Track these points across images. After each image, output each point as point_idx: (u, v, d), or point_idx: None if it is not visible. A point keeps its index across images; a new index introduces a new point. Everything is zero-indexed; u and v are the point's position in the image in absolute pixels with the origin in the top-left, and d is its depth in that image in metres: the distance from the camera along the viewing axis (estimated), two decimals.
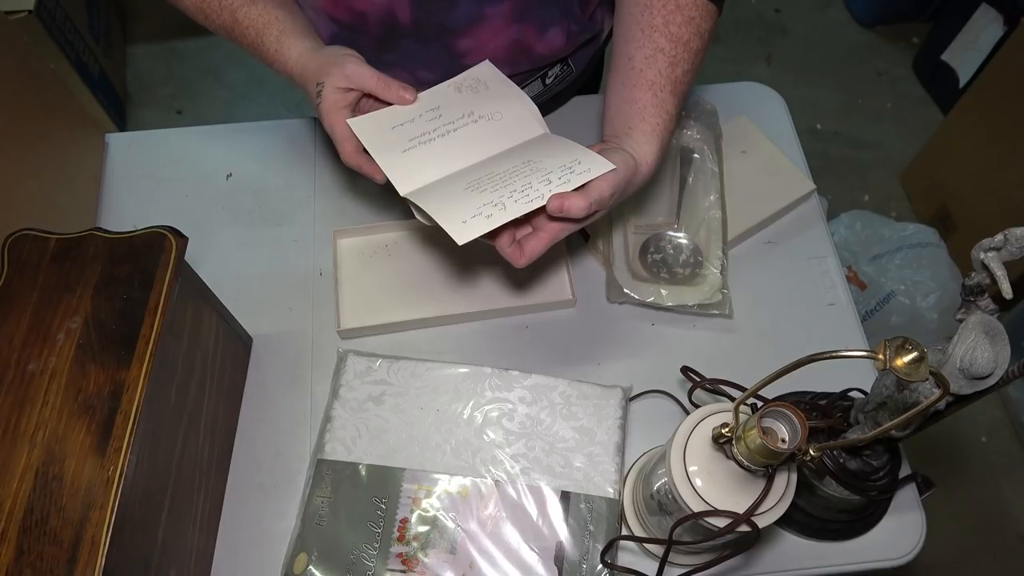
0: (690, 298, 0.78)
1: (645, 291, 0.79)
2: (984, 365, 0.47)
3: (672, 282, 0.80)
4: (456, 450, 0.69)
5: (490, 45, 0.75)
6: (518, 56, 0.77)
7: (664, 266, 0.81)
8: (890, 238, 1.56)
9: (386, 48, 0.74)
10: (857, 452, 0.62)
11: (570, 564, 0.64)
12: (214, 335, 0.69)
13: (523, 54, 0.77)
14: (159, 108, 2.04)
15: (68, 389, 0.52)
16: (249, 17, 0.68)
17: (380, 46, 0.74)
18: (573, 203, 0.57)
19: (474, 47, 0.74)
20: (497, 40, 0.74)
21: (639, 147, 0.64)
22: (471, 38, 0.73)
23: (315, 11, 0.73)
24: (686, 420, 0.53)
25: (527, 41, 0.76)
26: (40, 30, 1.58)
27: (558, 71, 0.85)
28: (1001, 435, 1.61)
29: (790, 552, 0.69)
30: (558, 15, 0.76)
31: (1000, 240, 0.46)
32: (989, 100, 1.59)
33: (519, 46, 0.76)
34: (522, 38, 0.75)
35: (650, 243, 0.82)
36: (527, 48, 0.77)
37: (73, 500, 0.49)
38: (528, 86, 0.84)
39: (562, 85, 0.88)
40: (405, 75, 0.76)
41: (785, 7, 2.26)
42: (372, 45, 0.74)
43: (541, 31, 0.76)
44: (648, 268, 0.81)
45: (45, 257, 0.58)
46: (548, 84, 0.86)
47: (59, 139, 0.83)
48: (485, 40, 0.74)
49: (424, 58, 0.75)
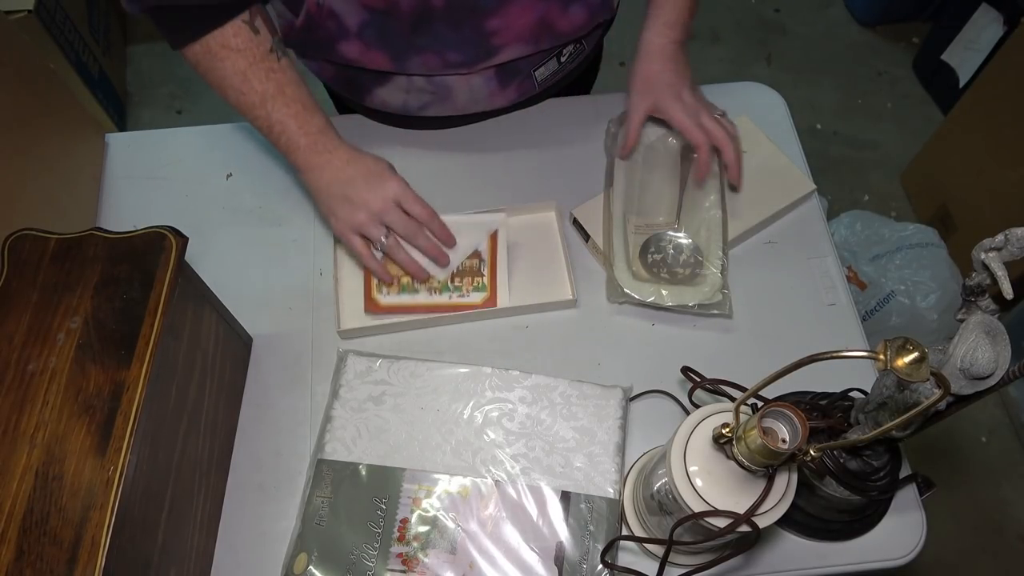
0: (690, 298, 0.78)
1: (645, 291, 0.78)
2: (985, 365, 0.47)
3: (672, 282, 0.80)
4: (456, 450, 0.69)
5: (517, 24, 0.76)
6: (541, 33, 0.79)
7: (664, 266, 0.81)
8: (890, 238, 1.56)
9: (418, 32, 0.75)
10: (857, 452, 0.61)
11: (570, 564, 0.64)
12: (214, 335, 0.69)
13: (546, 31, 0.79)
14: (159, 108, 2.04)
15: (68, 389, 0.52)
16: (296, 94, 0.73)
17: (412, 30, 0.75)
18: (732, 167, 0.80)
19: (502, 26, 0.76)
20: (525, 18, 0.76)
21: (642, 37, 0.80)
22: (500, 17, 0.75)
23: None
24: (686, 420, 0.53)
25: (551, 18, 0.78)
26: (40, 30, 1.58)
27: (572, 50, 0.87)
28: (1001, 435, 1.61)
29: (790, 552, 0.69)
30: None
31: (1001, 240, 0.46)
32: (989, 100, 1.59)
33: (544, 23, 0.78)
34: (547, 15, 0.77)
35: (650, 243, 0.82)
36: (550, 25, 0.78)
37: (73, 500, 0.49)
38: (544, 65, 0.86)
39: (574, 63, 0.89)
40: (435, 58, 0.78)
41: (785, 7, 2.26)
42: (404, 30, 0.74)
43: (565, 7, 0.78)
44: (648, 268, 0.81)
45: (45, 257, 0.58)
46: (563, 62, 0.87)
47: (59, 139, 0.83)
48: (514, 18, 0.76)
49: (454, 40, 0.76)
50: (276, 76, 0.71)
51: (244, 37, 0.69)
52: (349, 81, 0.85)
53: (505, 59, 0.80)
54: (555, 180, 0.88)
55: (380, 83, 0.83)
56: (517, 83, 0.85)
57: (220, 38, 0.69)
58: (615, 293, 0.79)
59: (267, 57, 0.71)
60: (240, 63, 0.70)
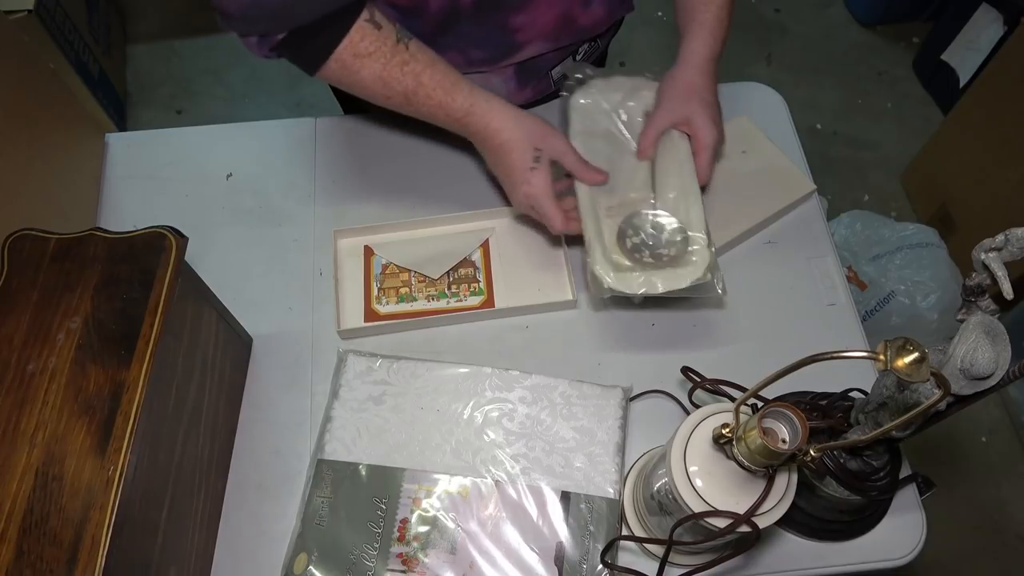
0: (684, 279, 0.70)
1: (633, 282, 0.70)
2: (985, 366, 0.47)
3: (658, 266, 0.72)
4: (456, 450, 0.69)
5: (541, 20, 0.77)
6: (562, 30, 0.79)
7: (647, 249, 0.73)
8: (890, 238, 1.56)
9: (442, 30, 0.75)
10: (857, 452, 0.61)
11: (570, 564, 0.64)
12: (214, 335, 0.69)
13: (567, 27, 0.79)
14: (159, 108, 2.04)
15: (68, 389, 0.52)
16: (435, 78, 0.70)
17: (438, 29, 0.75)
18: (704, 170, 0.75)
19: (527, 23, 0.76)
20: (549, 14, 0.76)
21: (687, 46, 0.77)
22: (525, 14, 0.75)
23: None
24: (686, 420, 0.53)
25: (573, 13, 0.78)
26: (40, 30, 1.58)
27: (587, 48, 0.87)
28: (1001, 435, 1.61)
29: (790, 552, 0.69)
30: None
31: (1001, 240, 0.46)
32: (989, 100, 1.59)
33: (566, 19, 0.78)
34: (569, 10, 0.78)
35: (626, 226, 0.75)
36: (572, 20, 0.79)
37: (73, 500, 0.49)
38: (561, 64, 0.86)
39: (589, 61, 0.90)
40: (457, 56, 0.78)
41: (785, 7, 2.26)
42: (429, 29, 0.74)
43: (586, 3, 0.78)
44: (629, 254, 0.73)
45: (45, 257, 0.58)
46: (577, 61, 0.88)
47: (59, 139, 0.83)
48: (538, 15, 0.76)
49: (479, 38, 0.76)
50: (411, 68, 0.69)
51: (371, 38, 0.67)
52: None
53: (526, 56, 0.80)
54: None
55: None
56: (535, 83, 0.86)
57: (350, 48, 0.67)
58: (599, 289, 0.71)
59: (397, 51, 0.68)
60: (375, 67, 0.68)
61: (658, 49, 2.15)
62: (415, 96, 0.70)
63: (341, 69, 0.68)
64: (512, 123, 0.71)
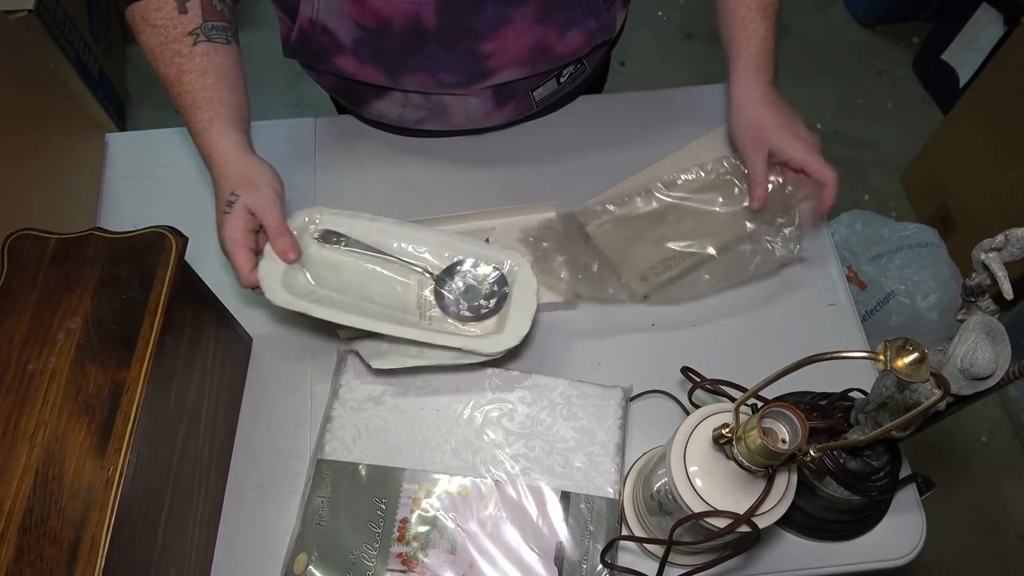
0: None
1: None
2: (985, 366, 0.47)
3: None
4: (456, 450, 0.69)
5: (512, 47, 0.75)
6: (538, 57, 0.77)
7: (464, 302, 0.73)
8: (890, 238, 1.56)
9: (410, 51, 0.74)
10: (857, 452, 0.61)
11: (570, 564, 0.64)
12: (214, 335, 0.69)
13: (543, 55, 0.77)
14: (159, 108, 2.04)
15: (68, 389, 0.52)
16: (194, 85, 0.67)
17: (404, 50, 0.74)
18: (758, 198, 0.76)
19: (497, 50, 0.75)
20: (520, 42, 0.75)
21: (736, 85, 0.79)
22: (495, 41, 0.74)
23: (339, 15, 0.72)
24: (686, 420, 0.53)
25: (548, 42, 0.76)
26: (40, 30, 1.58)
27: (572, 70, 0.85)
28: (1001, 435, 1.61)
29: (790, 552, 0.69)
30: (581, 14, 0.76)
31: (1001, 240, 0.46)
32: (989, 100, 1.59)
33: (540, 47, 0.76)
34: (544, 39, 0.76)
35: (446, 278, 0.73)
36: (548, 49, 0.77)
37: (73, 500, 0.49)
38: (543, 86, 0.84)
39: (574, 84, 0.88)
40: (428, 78, 0.77)
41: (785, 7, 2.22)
42: (396, 49, 0.74)
43: (562, 32, 0.76)
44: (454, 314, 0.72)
45: (45, 257, 0.58)
46: (562, 83, 0.86)
47: (59, 139, 0.83)
48: (508, 43, 0.74)
49: (448, 62, 0.75)
50: (179, 62, 0.67)
51: (165, 13, 0.66)
52: (348, 91, 0.84)
53: (501, 81, 0.79)
54: (556, 180, 0.88)
55: (377, 96, 0.82)
56: (515, 103, 0.84)
57: (142, 10, 0.66)
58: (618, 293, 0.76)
59: (179, 39, 0.66)
60: (152, 40, 0.67)
61: (658, 49, 2.15)
62: (172, 88, 0.68)
63: (131, 22, 0.68)
64: (224, 163, 0.67)
